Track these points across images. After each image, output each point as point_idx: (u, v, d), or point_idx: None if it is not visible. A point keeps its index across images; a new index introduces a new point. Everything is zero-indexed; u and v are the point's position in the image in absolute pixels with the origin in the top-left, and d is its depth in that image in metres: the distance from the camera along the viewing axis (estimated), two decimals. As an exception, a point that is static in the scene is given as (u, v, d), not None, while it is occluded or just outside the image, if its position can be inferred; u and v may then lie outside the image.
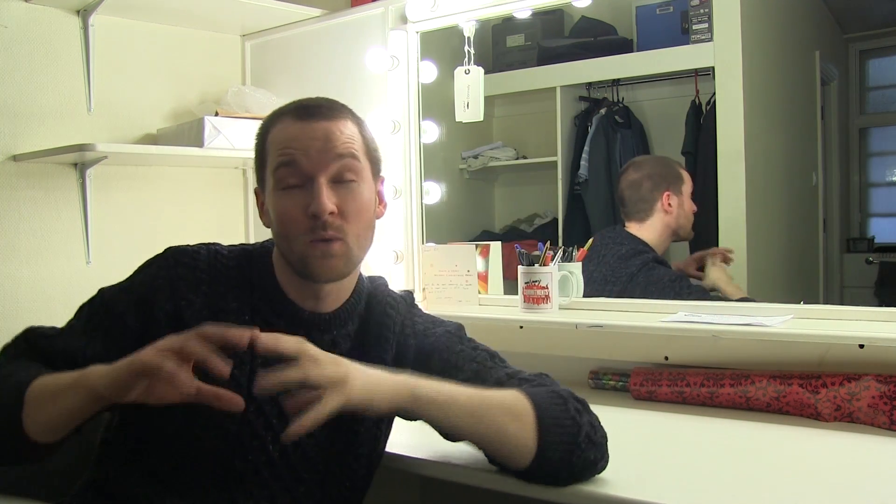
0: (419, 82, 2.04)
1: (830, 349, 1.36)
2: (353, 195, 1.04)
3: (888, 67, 2.87)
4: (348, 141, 1.04)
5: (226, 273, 1.08)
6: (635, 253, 1.93)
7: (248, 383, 1.03)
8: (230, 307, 1.06)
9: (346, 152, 1.04)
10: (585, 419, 0.99)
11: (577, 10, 2.24)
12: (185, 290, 1.04)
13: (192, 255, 1.08)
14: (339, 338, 1.11)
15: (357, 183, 1.05)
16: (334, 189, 1.03)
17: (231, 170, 2.32)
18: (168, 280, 1.05)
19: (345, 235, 1.03)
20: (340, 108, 1.08)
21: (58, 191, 1.95)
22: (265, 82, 2.30)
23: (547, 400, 0.99)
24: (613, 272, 1.92)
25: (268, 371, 0.89)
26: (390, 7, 2.04)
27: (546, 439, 0.96)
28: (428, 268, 1.94)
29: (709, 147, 2.10)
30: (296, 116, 1.05)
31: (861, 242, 2.74)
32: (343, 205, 1.03)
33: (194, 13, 2.12)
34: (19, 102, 1.89)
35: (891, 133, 2.92)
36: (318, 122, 1.04)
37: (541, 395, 1.00)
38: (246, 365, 1.04)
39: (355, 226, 1.04)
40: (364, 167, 1.07)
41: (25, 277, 1.90)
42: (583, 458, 0.98)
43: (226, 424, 1.01)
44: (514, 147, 2.61)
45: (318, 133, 1.03)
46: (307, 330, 1.09)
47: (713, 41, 2.07)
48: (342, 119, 1.06)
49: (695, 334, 1.50)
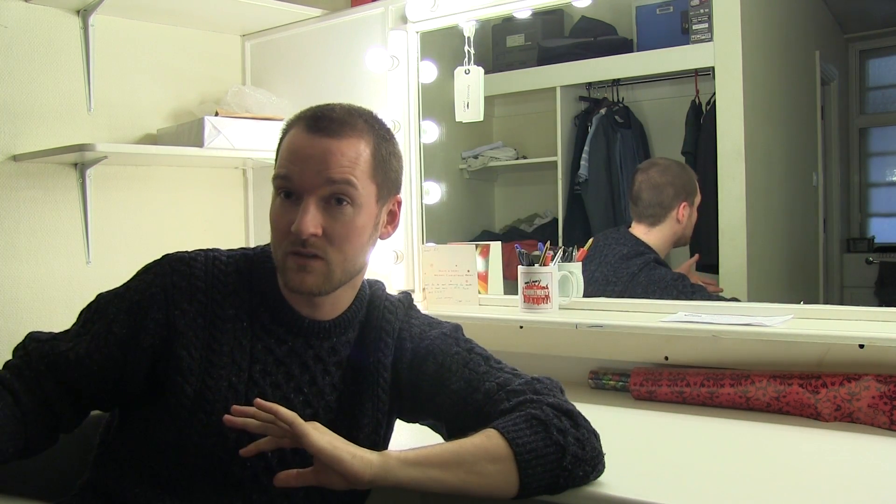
0: (419, 82, 2.04)
1: (830, 349, 1.36)
2: (343, 220, 1.02)
3: (888, 67, 2.88)
4: (347, 165, 1.01)
5: (223, 280, 1.07)
6: (637, 254, 1.94)
7: (246, 390, 1.03)
8: (227, 314, 1.05)
9: (340, 178, 1.00)
10: (571, 438, 0.96)
11: (577, 10, 2.24)
12: (179, 298, 1.04)
13: (188, 262, 1.07)
14: (338, 345, 1.11)
15: (350, 207, 1.02)
16: (324, 209, 1.01)
17: (231, 170, 2.32)
18: (162, 288, 1.04)
19: (326, 255, 1.02)
20: (354, 125, 1.04)
21: (58, 191, 1.95)
22: (265, 82, 2.30)
23: (525, 432, 0.95)
24: (615, 272, 1.92)
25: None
26: (390, 7, 2.04)
27: (527, 473, 0.93)
28: (428, 268, 1.94)
29: (709, 147, 2.10)
30: (306, 127, 1.03)
31: (861, 242, 2.74)
32: (330, 228, 1.01)
33: (194, 13, 2.12)
34: (19, 102, 1.89)
35: (891, 133, 2.93)
36: (322, 138, 1.01)
37: (519, 428, 0.95)
38: (244, 372, 1.04)
39: (340, 249, 1.02)
40: (363, 192, 1.03)
41: (25, 277, 1.90)
42: (571, 478, 0.96)
43: (224, 432, 1.00)
44: (514, 147, 2.61)
45: (318, 151, 1.01)
46: (306, 337, 1.08)
47: (713, 41, 2.07)
48: (351, 138, 1.02)
49: (695, 334, 1.50)
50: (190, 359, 1.02)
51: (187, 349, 1.02)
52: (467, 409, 1.04)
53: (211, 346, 1.03)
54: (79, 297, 1.97)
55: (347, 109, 1.06)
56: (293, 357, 1.08)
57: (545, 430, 0.95)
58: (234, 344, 1.05)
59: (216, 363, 1.03)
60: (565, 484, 0.96)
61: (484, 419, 1.00)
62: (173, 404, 1.01)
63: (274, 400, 1.04)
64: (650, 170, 2.06)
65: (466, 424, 1.03)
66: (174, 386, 1.01)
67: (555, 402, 1.00)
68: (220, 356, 1.03)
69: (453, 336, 1.13)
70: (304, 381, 1.08)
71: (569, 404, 1.01)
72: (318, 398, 1.08)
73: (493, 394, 1.03)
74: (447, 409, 1.06)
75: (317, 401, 1.08)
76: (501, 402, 1.01)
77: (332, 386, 1.09)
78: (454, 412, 1.06)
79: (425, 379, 1.09)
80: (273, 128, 2.06)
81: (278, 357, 1.07)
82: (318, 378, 1.08)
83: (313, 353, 1.09)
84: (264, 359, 1.06)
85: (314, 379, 1.08)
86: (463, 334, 1.15)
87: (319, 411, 1.08)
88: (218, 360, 1.03)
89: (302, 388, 1.07)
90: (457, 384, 1.06)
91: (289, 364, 1.07)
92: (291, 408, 1.04)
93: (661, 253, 1.97)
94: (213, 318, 1.05)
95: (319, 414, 1.07)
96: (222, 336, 1.04)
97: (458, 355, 1.10)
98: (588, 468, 0.97)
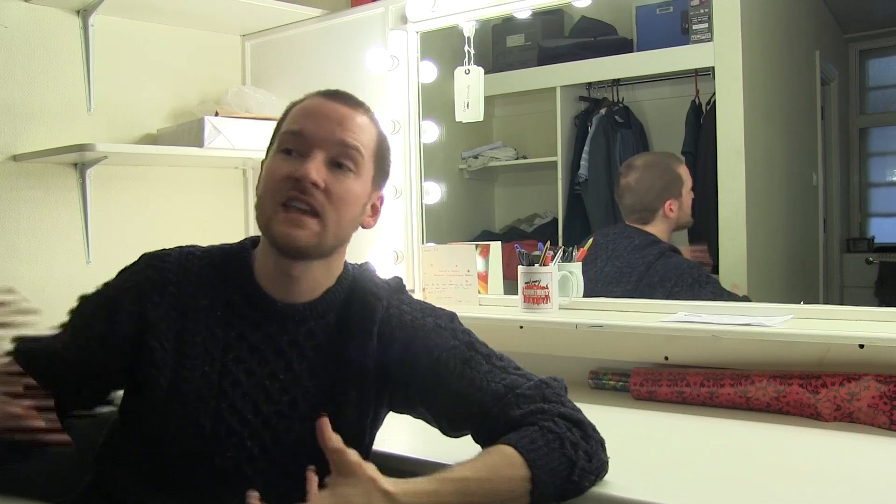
0: (419, 82, 2.04)
1: (830, 349, 1.36)
2: (344, 182, 1.04)
3: (888, 67, 2.88)
4: (359, 132, 1.06)
5: (196, 272, 1.08)
6: (649, 243, 1.94)
7: (219, 378, 1.03)
8: (200, 305, 1.06)
9: (352, 142, 1.04)
10: (581, 452, 0.95)
11: (577, 10, 2.24)
12: (150, 291, 1.06)
13: (162, 257, 1.09)
14: (315, 328, 1.08)
15: (353, 174, 1.05)
16: (329, 169, 1.03)
17: (231, 170, 2.32)
18: (136, 283, 1.07)
19: (323, 212, 1.02)
20: (367, 108, 1.10)
21: (58, 191, 1.95)
22: (265, 82, 2.30)
23: (543, 450, 0.93)
24: (629, 263, 1.92)
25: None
26: (390, 7, 2.04)
27: (539, 491, 0.92)
28: (428, 268, 1.94)
29: (709, 147, 2.10)
30: (323, 95, 1.08)
31: (861, 242, 2.74)
32: (332, 185, 1.02)
33: (194, 13, 2.12)
34: (19, 102, 1.89)
35: (891, 133, 2.92)
36: (340, 104, 1.06)
37: (537, 447, 0.94)
38: (217, 361, 1.04)
39: (336, 211, 1.03)
40: (366, 165, 1.07)
41: (25, 277, 1.90)
42: (576, 489, 0.96)
43: (200, 421, 1.02)
44: (514, 147, 2.61)
45: (335, 114, 1.05)
46: (282, 322, 1.07)
47: (713, 41, 2.07)
48: (365, 115, 1.08)
49: (695, 334, 1.50)
50: (163, 350, 1.03)
51: (159, 341, 1.03)
52: (471, 409, 1.02)
53: (183, 338, 1.04)
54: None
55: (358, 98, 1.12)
56: (267, 342, 1.07)
57: (560, 445, 0.94)
58: (207, 334, 1.05)
59: (189, 354, 1.03)
60: (569, 495, 0.96)
61: (491, 421, 0.99)
62: (149, 397, 1.02)
63: (248, 387, 1.04)
64: (629, 175, 2.06)
65: (467, 424, 1.03)
66: (149, 378, 1.02)
67: (566, 413, 0.99)
68: (192, 347, 1.04)
69: (449, 328, 1.09)
70: (280, 367, 1.06)
71: (578, 413, 1.00)
72: (294, 384, 1.06)
73: (501, 396, 1.01)
74: (446, 407, 1.05)
75: (294, 387, 1.06)
76: (511, 407, 0.99)
77: (311, 371, 1.07)
78: (454, 411, 1.04)
79: (419, 374, 1.06)
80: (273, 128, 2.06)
81: (252, 343, 1.06)
82: (294, 363, 1.06)
83: (288, 338, 1.07)
84: (238, 346, 1.06)
85: (289, 364, 1.06)
86: (460, 324, 1.11)
87: (298, 398, 1.06)
88: (191, 351, 1.03)
89: (277, 374, 1.06)
90: (457, 384, 1.03)
91: (263, 350, 1.06)
92: (267, 395, 1.05)
93: (666, 241, 1.98)
94: (185, 309, 1.05)
95: (298, 400, 1.05)
96: (195, 327, 1.05)
97: (455, 350, 1.06)
98: (593, 478, 0.98)
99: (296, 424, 1.05)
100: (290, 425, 1.05)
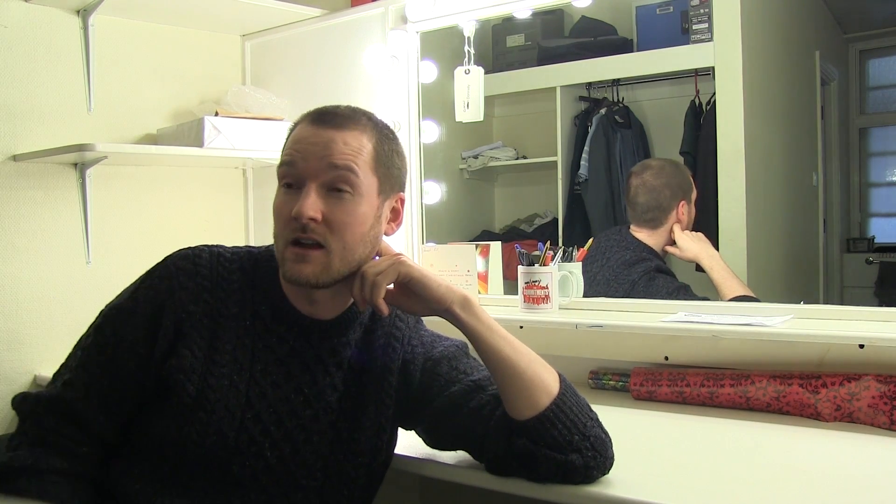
0: (419, 82, 2.04)
1: (830, 349, 1.36)
2: (344, 207, 1.02)
3: (888, 67, 2.87)
4: (350, 153, 1.02)
5: (228, 277, 1.08)
6: (639, 260, 1.93)
7: (247, 389, 1.04)
8: (231, 312, 1.06)
9: (342, 164, 1.02)
10: (596, 431, 1.02)
11: (577, 10, 2.24)
12: (186, 300, 1.04)
13: (193, 259, 1.07)
14: (339, 345, 1.11)
15: (351, 196, 1.03)
16: (325, 197, 1.02)
17: (231, 170, 2.32)
18: (170, 292, 1.04)
19: (326, 243, 1.02)
20: (358, 119, 1.06)
21: (58, 191, 1.95)
22: (265, 82, 2.30)
23: (574, 398, 1.03)
24: (616, 277, 1.92)
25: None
26: (390, 7, 2.04)
27: (559, 401, 1.01)
28: (428, 267, 1.93)
29: (708, 147, 2.10)
30: (311, 120, 1.06)
31: (861, 242, 2.74)
32: (330, 214, 1.01)
33: (194, 13, 2.12)
34: (19, 102, 1.89)
35: (891, 133, 2.92)
36: (326, 129, 1.04)
37: (572, 391, 1.05)
38: (245, 371, 1.04)
39: (340, 237, 1.02)
40: (364, 181, 1.04)
41: (25, 277, 1.90)
42: (581, 447, 1.00)
43: (224, 430, 1.01)
44: (514, 147, 2.61)
45: (321, 140, 1.03)
46: (306, 336, 1.09)
47: (713, 41, 2.06)
48: (354, 130, 1.05)
49: (695, 334, 1.50)
50: (193, 358, 1.02)
51: (190, 348, 1.02)
52: (480, 394, 1.08)
53: (214, 345, 1.04)
54: (79, 298, 1.97)
55: (352, 108, 1.09)
56: (293, 356, 1.08)
57: (588, 410, 1.05)
58: (237, 343, 1.05)
59: (218, 361, 1.03)
60: (577, 448, 0.99)
61: (490, 411, 1.05)
62: (175, 402, 1.01)
63: (273, 400, 1.04)
64: (644, 173, 2.05)
65: (468, 422, 1.06)
66: (176, 384, 1.01)
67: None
68: (222, 354, 1.04)
69: (463, 349, 1.17)
70: (305, 382, 1.08)
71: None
72: (318, 399, 1.08)
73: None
74: (457, 397, 1.09)
75: (317, 402, 1.08)
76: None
77: (333, 387, 1.09)
78: (460, 402, 1.08)
79: (438, 380, 1.11)
80: (273, 128, 2.06)
81: (279, 356, 1.07)
82: (319, 378, 1.08)
83: (314, 353, 1.09)
84: (265, 357, 1.06)
85: (315, 379, 1.08)
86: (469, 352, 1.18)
87: (319, 412, 1.08)
88: (220, 359, 1.03)
89: (302, 388, 1.07)
90: (469, 378, 1.10)
91: (289, 363, 1.07)
92: (291, 408, 1.05)
93: (664, 254, 1.98)
94: (216, 316, 1.05)
95: (319, 415, 1.08)
96: (225, 335, 1.05)
97: (473, 361, 1.14)
98: (593, 463, 1.01)
99: (314, 438, 1.07)
100: (309, 438, 1.07)
